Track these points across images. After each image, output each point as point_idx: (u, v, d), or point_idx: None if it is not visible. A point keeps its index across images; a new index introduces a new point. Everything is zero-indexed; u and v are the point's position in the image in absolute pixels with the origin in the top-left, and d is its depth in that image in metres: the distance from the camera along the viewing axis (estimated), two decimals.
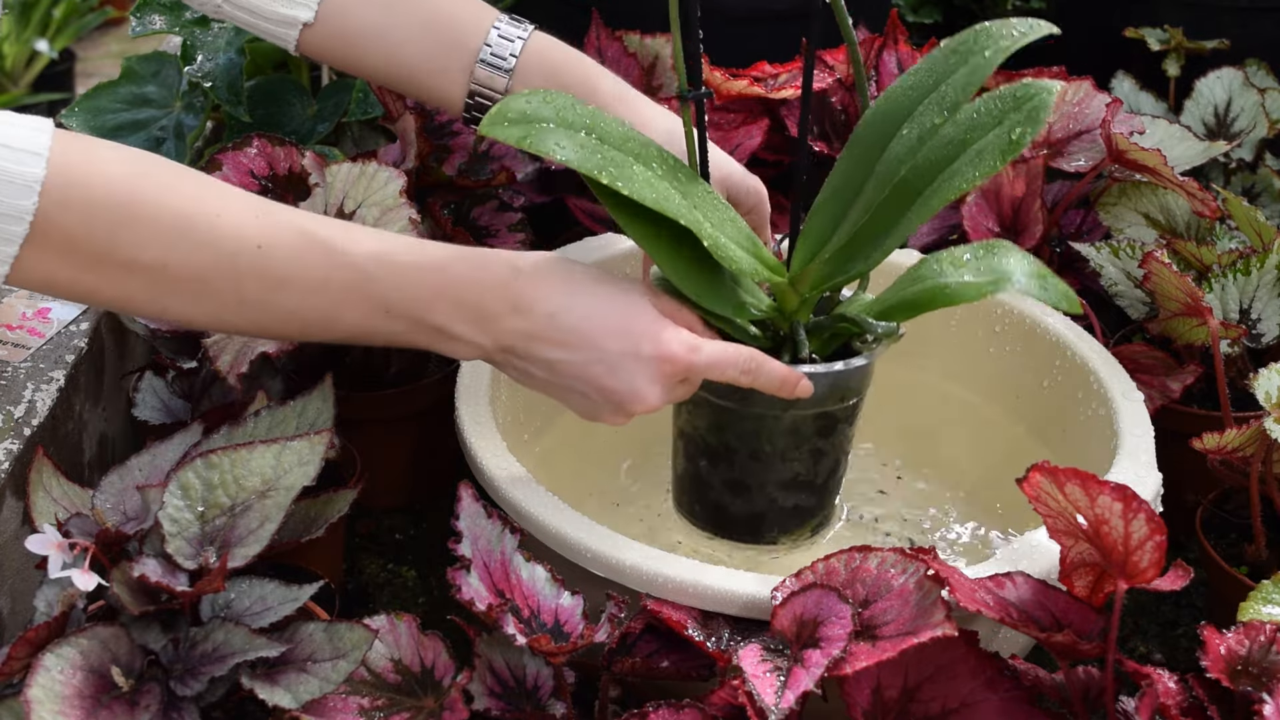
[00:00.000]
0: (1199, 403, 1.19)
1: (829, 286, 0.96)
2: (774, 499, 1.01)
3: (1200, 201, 1.21)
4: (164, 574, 0.83)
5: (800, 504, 1.02)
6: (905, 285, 0.93)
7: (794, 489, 1.01)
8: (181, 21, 1.37)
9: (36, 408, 1.04)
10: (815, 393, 0.94)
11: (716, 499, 1.02)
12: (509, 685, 0.87)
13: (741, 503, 1.01)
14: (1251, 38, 1.54)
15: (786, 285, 0.96)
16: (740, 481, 1.00)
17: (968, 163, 0.88)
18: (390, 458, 1.21)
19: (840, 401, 0.98)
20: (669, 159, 0.93)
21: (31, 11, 3.35)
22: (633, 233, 0.90)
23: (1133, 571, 0.81)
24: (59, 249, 0.76)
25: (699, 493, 1.03)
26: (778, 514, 1.02)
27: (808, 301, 0.97)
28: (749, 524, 1.02)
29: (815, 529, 1.04)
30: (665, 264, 0.91)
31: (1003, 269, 0.88)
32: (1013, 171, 1.26)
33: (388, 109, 1.20)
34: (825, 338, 0.98)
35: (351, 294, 0.84)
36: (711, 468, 1.01)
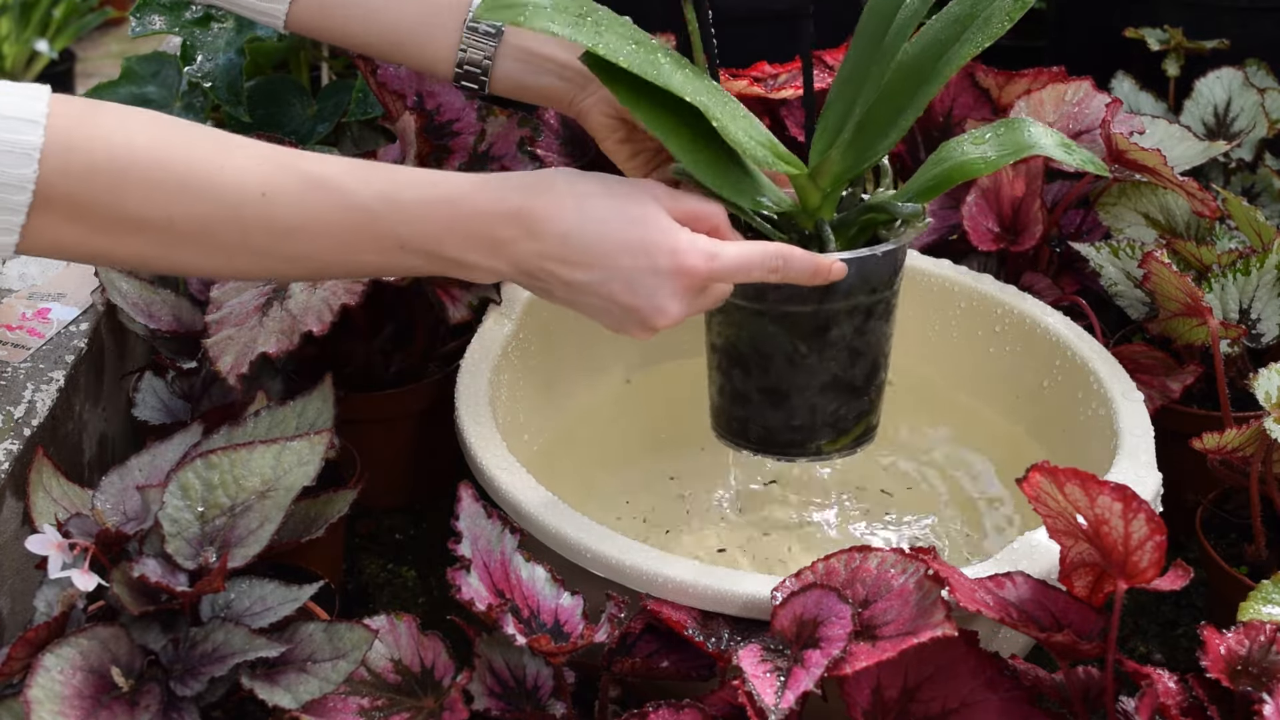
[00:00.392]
0: (1199, 403, 1.19)
1: (850, 176, 0.96)
2: (814, 405, 0.99)
3: (1200, 201, 1.21)
4: (164, 574, 0.83)
5: (841, 410, 1.00)
6: (929, 169, 0.95)
7: (834, 394, 0.99)
8: (181, 22, 1.37)
9: (36, 408, 1.04)
10: (845, 284, 0.93)
11: (757, 413, 1.00)
12: (509, 685, 0.87)
13: (782, 414, 0.99)
14: (1251, 38, 1.54)
15: (806, 179, 0.96)
16: (778, 389, 0.99)
17: (976, 29, 0.89)
18: (390, 458, 1.21)
19: (872, 293, 0.96)
20: (674, 54, 0.93)
21: (31, 11, 3.35)
22: (644, 118, 0.90)
23: (1133, 571, 0.81)
24: (65, 214, 0.76)
25: (738, 408, 1.01)
26: (820, 422, 1.00)
27: (830, 197, 0.97)
28: (791, 435, 1.00)
29: (858, 439, 1.02)
30: (679, 148, 0.91)
31: (1024, 139, 0.90)
32: (1013, 171, 1.26)
33: (388, 109, 1.20)
34: (851, 234, 0.98)
35: (362, 235, 0.83)
36: (747, 378, 0.99)
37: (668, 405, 1.23)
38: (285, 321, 1.00)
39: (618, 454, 1.19)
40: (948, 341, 1.21)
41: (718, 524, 1.14)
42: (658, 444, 1.21)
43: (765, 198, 0.96)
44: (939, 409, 1.22)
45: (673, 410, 1.22)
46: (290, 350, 0.99)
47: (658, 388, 1.24)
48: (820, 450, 1.01)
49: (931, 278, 1.21)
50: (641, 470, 1.18)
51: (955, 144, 0.95)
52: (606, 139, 1.07)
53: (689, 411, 1.21)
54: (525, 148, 1.26)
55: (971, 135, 0.95)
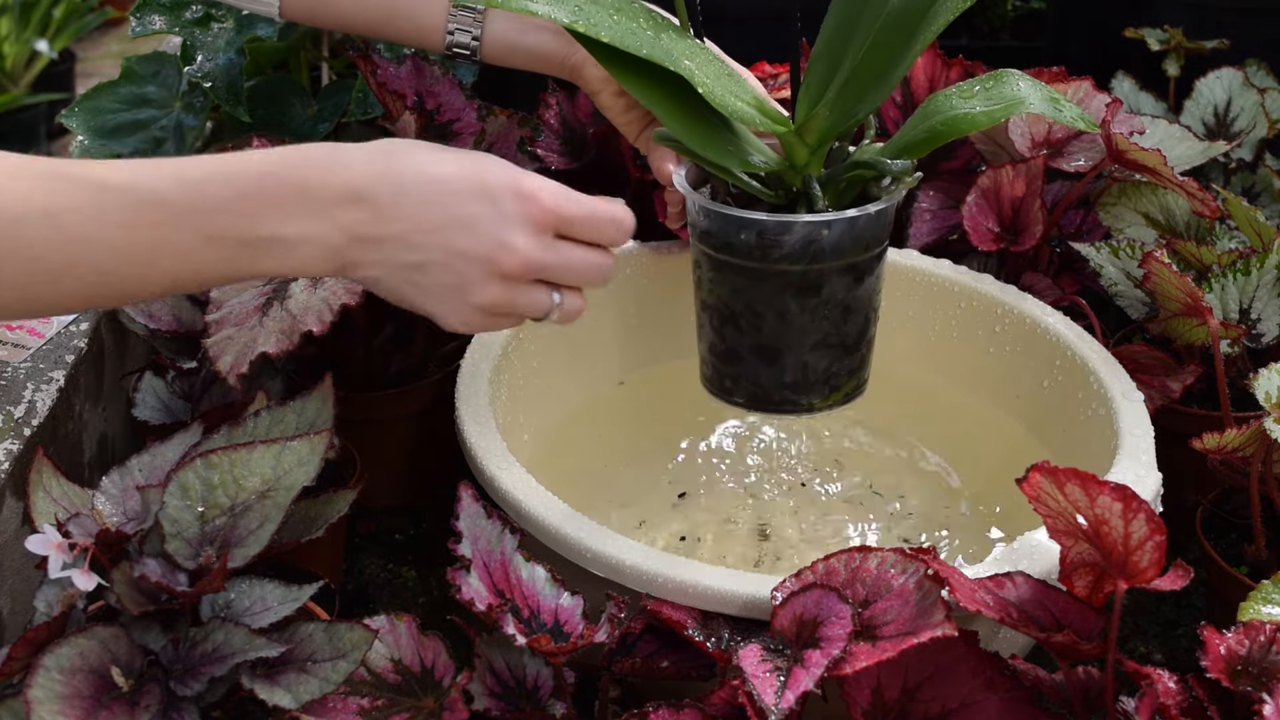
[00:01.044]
0: (1199, 403, 1.19)
1: (836, 133, 0.95)
2: (806, 363, 0.99)
3: (1200, 201, 1.21)
4: (164, 574, 0.83)
5: (834, 367, 1.00)
6: (917, 124, 0.94)
7: (826, 351, 0.99)
8: (181, 22, 1.37)
9: (36, 408, 1.04)
10: (839, 243, 0.93)
11: (749, 370, 1.00)
12: (509, 685, 0.87)
13: (774, 371, 0.99)
14: (1251, 38, 1.54)
15: (793, 136, 0.96)
16: (770, 347, 0.98)
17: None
18: (390, 458, 1.21)
19: (865, 251, 0.96)
20: (656, 18, 0.93)
21: (31, 11, 3.35)
22: (629, 86, 0.90)
23: (1133, 571, 0.81)
24: None
25: (730, 366, 1.01)
26: (812, 379, 1.00)
27: (817, 154, 0.97)
28: (784, 393, 1.00)
29: (849, 394, 1.02)
30: (666, 115, 0.91)
31: (1014, 94, 0.89)
32: (1013, 171, 1.26)
33: (388, 109, 1.20)
34: (840, 189, 0.97)
35: (162, 230, 0.74)
36: (739, 336, 0.99)
37: (667, 405, 1.23)
38: (285, 321, 1.00)
39: (618, 454, 1.20)
40: (948, 341, 1.21)
41: (718, 524, 1.14)
42: (657, 444, 1.21)
43: (754, 157, 0.96)
44: (939, 409, 1.22)
45: (672, 410, 1.22)
46: (290, 350, 0.99)
47: (657, 388, 1.24)
48: (812, 407, 1.01)
49: (931, 278, 1.21)
50: (641, 470, 1.18)
51: (943, 98, 0.94)
52: (601, 91, 1.07)
53: (688, 411, 1.21)
54: (525, 148, 1.26)
55: (959, 89, 0.94)
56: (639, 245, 1.22)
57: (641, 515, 1.13)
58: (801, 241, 0.94)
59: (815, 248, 0.94)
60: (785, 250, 0.93)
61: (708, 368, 1.04)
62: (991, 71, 0.94)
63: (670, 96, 0.91)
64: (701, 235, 0.99)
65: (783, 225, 0.94)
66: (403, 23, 1.08)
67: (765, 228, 0.95)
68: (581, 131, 1.31)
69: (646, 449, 1.20)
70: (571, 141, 1.30)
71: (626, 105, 1.08)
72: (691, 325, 1.06)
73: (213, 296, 1.04)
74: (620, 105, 1.08)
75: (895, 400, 1.19)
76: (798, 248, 0.94)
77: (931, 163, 1.35)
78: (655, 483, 1.17)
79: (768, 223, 0.95)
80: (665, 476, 1.18)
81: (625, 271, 1.22)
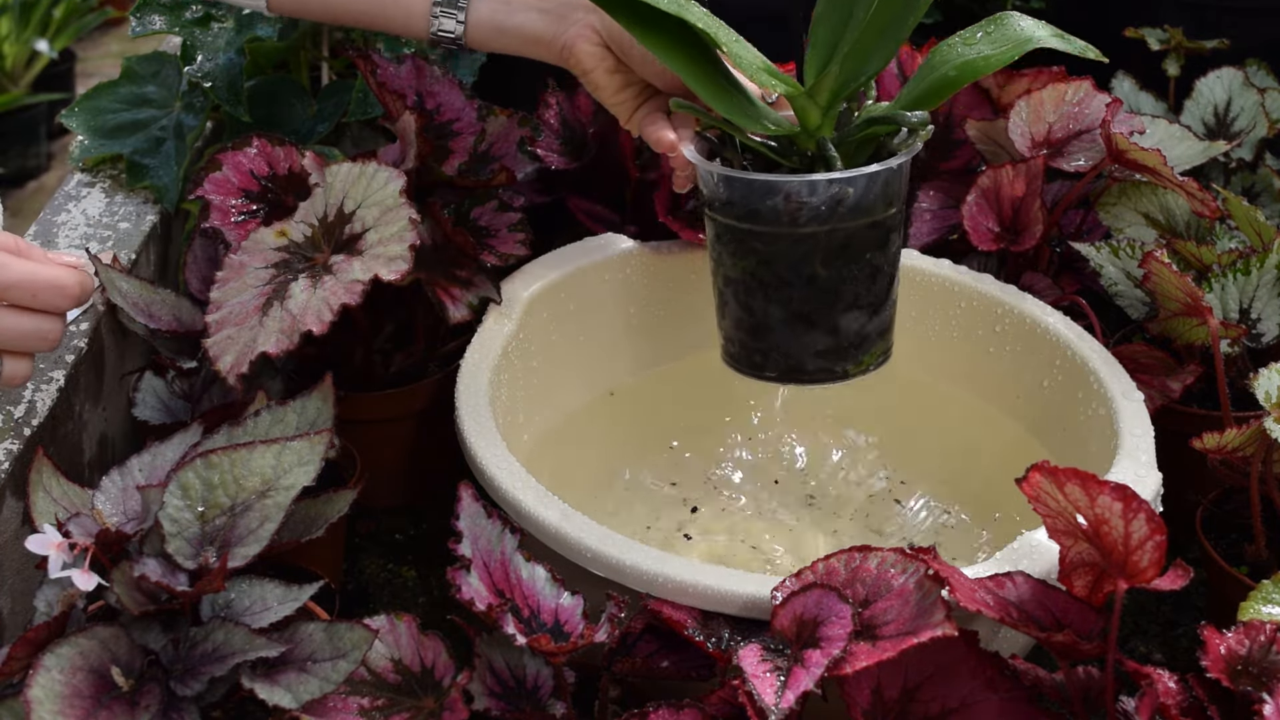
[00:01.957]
0: (1199, 403, 1.19)
1: (846, 93, 0.96)
2: (837, 328, 0.99)
3: (1200, 201, 1.21)
4: (164, 574, 0.83)
5: (864, 330, 1.00)
6: (925, 75, 0.95)
7: (856, 313, 0.99)
8: (181, 22, 1.37)
9: (36, 408, 1.04)
10: (863, 201, 0.94)
11: (778, 341, 1.00)
12: (509, 685, 0.87)
13: (805, 340, 0.99)
14: (1251, 38, 1.53)
15: (804, 98, 0.96)
16: (801, 314, 0.99)
17: None
18: (390, 458, 1.21)
19: (888, 208, 0.97)
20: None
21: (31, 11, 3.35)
22: (651, 46, 0.92)
23: (1133, 571, 0.81)
24: None
25: (759, 340, 1.01)
26: (845, 344, 1.00)
27: (829, 115, 0.97)
28: (818, 362, 1.00)
29: (879, 359, 1.02)
30: (687, 75, 0.92)
31: (1019, 34, 0.91)
32: (1013, 171, 1.26)
33: (388, 109, 1.20)
34: (853, 150, 0.98)
35: None
36: (768, 306, 0.99)
37: (667, 405, 1.23)
38: (285, 321, 1.00)
39: (618, 453, 1.20)
40: (947, 341, 1.21)
41: (719, 523, 1.14)
42: (658, 444, 1.21)
43: (769, 121, 0.96)
44: (938, 408, 1.22)
45: (672, 411, 1.22)
46: (290, 350, 0.99)
47: (657, 389, 1.24)
48: (847, 373, 1.01)
49: (931, 278, 1.21)
50: (642, 470, 1.18)
51: (947, 47, 0.94)
52: (595, 69, 1.07)
53: (688, 411, 1.21)
54: (525, 147, 1.26)
55: (961, 36, 0.94)
56: (639, 245, 1.22)
57: (642, 515, 1.13)
58: (828, 202, 0.95)
59: (841, 207, 0.94)
60: (811, 212, 0.94)
61: (734, 345, 1.03)
62: (991, 16, 0.95)
63: (691, 59, 0.92)
64: (722, 207, 0.99)
65: (809, 186, 0.95)
66: (393, 11, 1.08)
67: (791, 190, 0.95)
68: (581, 131, 1.30)
69: (647, 448, 1.20)
70: (571, 141, 1.30)
71: (620, 84, 1.08)
72: (691, 327, 1.06)
73: (213, 296, 1.04)
74: (614, 84, 1.08)
75: (895, 400, 1.19)
76: (824, 209, 0.94)
77: (931, 163, 1.35)
78: (656, 482, 1.17)
79: (794, 184, 0.95)
80: (666, 476, 1.18)
81: (625, 272, 1.22)
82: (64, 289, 0.84)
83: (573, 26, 1.06)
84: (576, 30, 1.06)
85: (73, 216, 1.30)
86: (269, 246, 1.05)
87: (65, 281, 0.84)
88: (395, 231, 1.02)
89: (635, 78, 1.08)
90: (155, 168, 1.35)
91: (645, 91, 1.09)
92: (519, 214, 1.23)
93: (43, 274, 0.83)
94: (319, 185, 1.07)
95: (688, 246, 1.22)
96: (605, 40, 1.06)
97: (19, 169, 3.36)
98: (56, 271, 0.83)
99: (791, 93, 0.96)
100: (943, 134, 1.36)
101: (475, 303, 1.14)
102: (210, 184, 1.14)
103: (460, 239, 1.15)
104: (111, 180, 1.37)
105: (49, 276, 0.83)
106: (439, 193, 1.21)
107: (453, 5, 1.08)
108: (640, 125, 1.08)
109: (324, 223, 1.05)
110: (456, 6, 1.09)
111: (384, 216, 1.04)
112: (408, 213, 1.03)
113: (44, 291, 0.83)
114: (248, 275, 1.04)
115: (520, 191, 1.29)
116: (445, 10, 1.08)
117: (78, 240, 1.26)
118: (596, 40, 1.06)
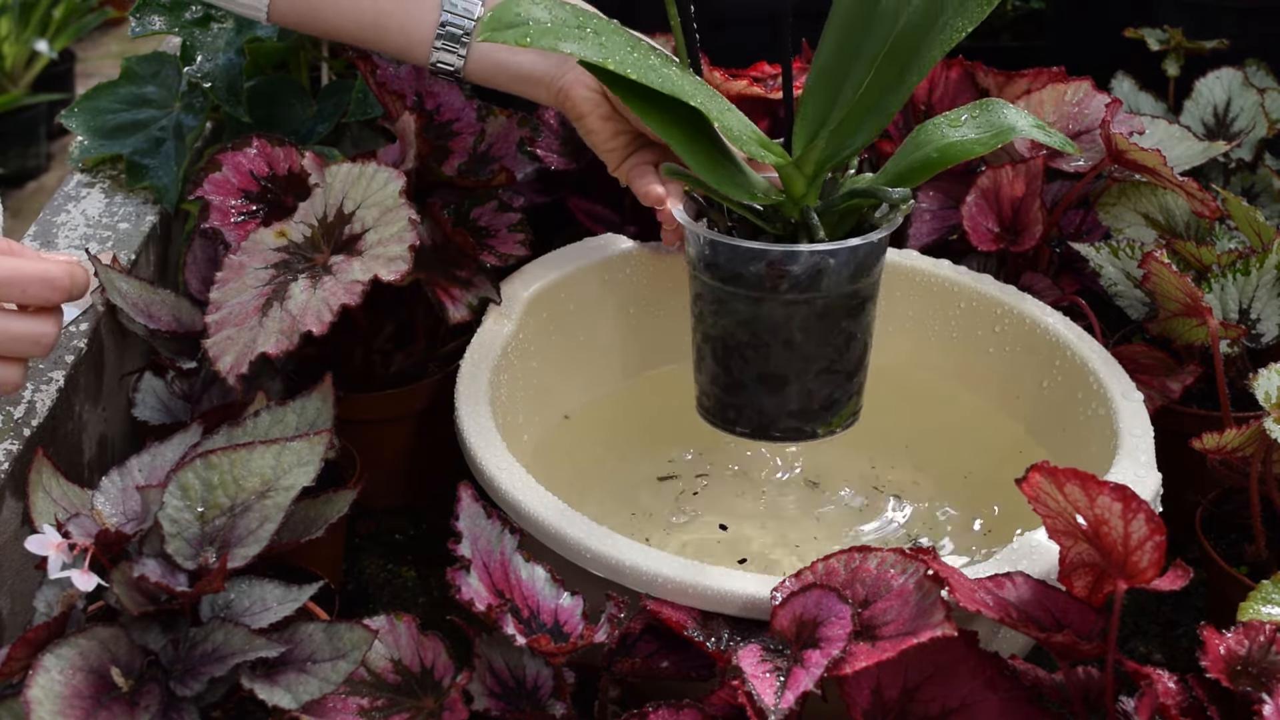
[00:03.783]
0: (1199, 403, 1.19)
1: (833, 164, 0.98)
2: (810, 391, 1.01)
3: (1200, 201, 1.21)
4: (164, 574, 0.83)
5: (835, 394, 1.02)
6: (908, 153, 0.97)
7: (828, 378, 1.01)
8: (181, 22, 1.37)
9: (36, 408, 1.04)
10: (843, 271, 0.96)
11: (751, 399, 1.02)
12: (509, 685, 0.87)
13: (778, 399, 1.01)
14: (1251, 38, 1.54)
15: (791, 168, 0.98)
16: (776, 375, 1.00)
17: (953, 13, 0.92)
18: (390, 458, 1.21)
19: (866, 277, 0.99)
20: (663, 55, 0.96)
21: (31, 11, 3.35)
22: (650, 122, 0.93)
23: (1132, 571, 0.81)
24: None
25: (733, 396, 1.03)
26: (815, 406, 1.02)
27: (814, 185, 0.99)
28: (787, 421, 1.02)
29: (846, 421, 1.05)
30: (683, 149, 0.95)
31: (1003, 122, 0.93)
32: (1012, 171, 1.26)
33: (387, 109, 1.20)
34: (836, 220, 1.00)
35: None
36: (744, 365, 1.01)
37: (667, 407, 1.23)
38: (285, 322, 1.00)
39: (617, 454, 1.19)
40: (947, 341, 1.21)
41: (717, 524, 1.14)
42: (657, 444, 1.21)
43: (757, 190, 0.98)
44: (938, 409, 1.22)
45: (671, 412, 1.22)
46: (290, 350, 0.99)
47: (657, 390, 1.24)
48: (815, 433, 1.04)
49: (931, 278, 1.21)
50: (641, 471, 1.18)
51: (933, 126, 0.97)
52: (590, 114, 1.08)
53: (687, 413, 1.21)
54: (525, 148, 1.26)
55: (947, 118, 0.97)
56: (639, 245, 1.22)
57: (641, 515, 1.13)
58: (808, 271, 0.97)
59: (821, 277, 0.97)
60: (792, 280, 0.96)
61: (708, 399, 1.06)
62: (978, 101, 0.97)
63: (684, 131, 0.95)
64: (706, 268, 1.01)
65: (791, 255, 0.97)
66: (394, 36, 1.09)
67: (774, 258, 0.97)
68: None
69: (647, 449, 1.20)
70: (571, 141, 1.30)
71: (613, 131, 1.09)
72: (690, 327, 1.06)
73: (212, 297, 1.04)
74: (607, 131, 1.09)
75: (894, 400, 1.19)
76: (804, 277, 0.96)
77: None
78: (657, 483, 1.17)
79: (776, 253, 0.97)
80: (668, 476, 1.18)
81: (625, 272, 1.22)
82: (52, 282, 0.82)
83: (571, 70, 1.07)
84: (575, 74, 1.07)
85: (72, 217, 1.30)
86: (269, 247, 1.05)
87: (54, 274, 0.82)
88: (395, 232, 1.02)
89: (628, 126, 1.09)
90: (155, 168, 1.35)
91: (636, 141, 1.09)
92: (519, 214, 1.23)
93: (29, 268, 0.81)
94: (319, 185, 1.07)
95: None
96: (601, 89, 1.06)
97: (19, 169, 3.37)
98: (44, 265, 0.81)
99: (779, 163, 0.98)
100: None
101: (475, 303, 1.14)
102: (210, 184, 1.14)
103: (460, 239, 1.15)
104: (111, 181, 1.37)
105: (37, 270, 0.81)
106: (439, 193, 1.21)
107: (455, 40, 1.09)
108: (629, 175, 1.09)
109: (324, 223, 1.05)
110: (459, 41, 1.09)
111: (384, 217, 1.04)
112: (407, 213, 1.03)
113: (33, 286, 0.81)
114: (247, 276, 1.04)
115: (520, 192, 1.29)
116: (448, 44, 1.08)
117: (77, 241, 1.26)
118: (594, 87, 1.07)
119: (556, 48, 0.89)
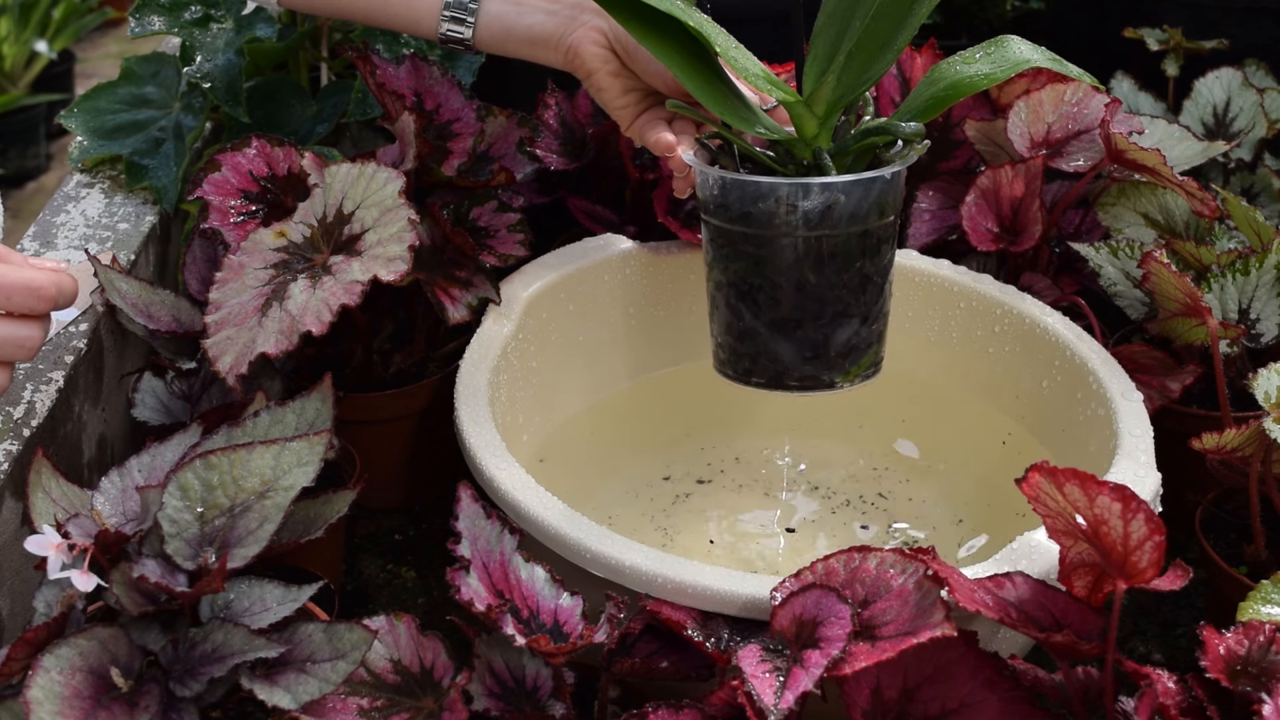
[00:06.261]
0: (1198, 403, 1.19)
1: (844, 104, 0.98)
2: (826, 337, 1.00)
3: (1199, 201, 1.21)
4: (163, 575, 0.83)
5: (853, 340, 1.01)
6: (925, 89, 0.99)
7: (844, 322, 1.00)
8: (180, 22, 1.37)
9: (35, 409, 1.04)
10: (856, 208, 0.95)
11: (767, 347, 1.01)
12: (508, 686, 0.87)
13: (794, 346, 1.00)
14: (1251, 38, 1.54)
15: (802, 107, 0.98)
16: (790, 320, 0.99)
17: None
18: (390, 458, 1.21)
19: (880, 218, 0.98)
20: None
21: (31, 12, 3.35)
22: (648, 44, 0.94)
23: (1132, 571, 0.81)
24: None
25: (748, 345, 1.02)
26: (833, 354, 1.01)
27: (826, 125, 0.99)
28: (804, 369, 1.01)
29: (867, 370, 1.03)
30: (685, 77, 0.95)
31: (1016, 56, 0.96)
32: (1012, 172, 1.26)
33: (387, 109, 1.20)
34: (850, 161, 0.99)
35: None
36: (758, 311, 1.00)
37: (666, 407, 1.23)
38: (285, 322, 1.00)
39: (617, 455, 1.20)
40: (947, 341, 1.21)
41: (716, 525, 1.14)
42: (656, 445, 1.21)
43: (765, 125, 0.98)
44: (938, 409, 1.22)
45: (671, 412, 1.22)
46: (290, 350, 0.99)
47: (657, 390, 1.24)
48: (834, 383, 1.02)
49: (931, 278, 1.21)
50: (640, 471, 1.18)
51: (947, 65, 0.98)
52: (599, 71, 1.08)
53: (687, 413, 1.21)
54: (524, 148, 1.26)
55: (961, 56, 0.98)
56: (639, 245, 1.22)
57: (641, 515, 1.13)
58: (820, 207, 0.96)
59: (833, 214, 0.96)
60: (803, 216, 0.95)
61: (723, 351, 1.04)
62: (992, 39, 0.98)
63: (688, 60, 0.94)
64: (716, 209, 0.99)
65: (801, 189, 0.96)
66: (399, 9, 1.09)
67: (783, 193, 0.96)
68: (580, 132, 1.31)
69: (646, 448, 1.20)
70: (571, 142, 1.30)
71: (623, 88, 1.08)
72: (690, 328, 1.06)
73: (212, 297, 1.04)
74: (617, 87, 1.08)
75: (894, 400, 1.19)
76: (816, 213, 0.95)
77: (931, 163, 1.35)
78: (657, 483, 1.17)
79: (786, 187, 0.96)
80: (665, 476, 1.18)
81: (625, 272, 1.22)
82: (38, 290, 0.81)
83: (579, 29, 1.07)
84: (583, 32, 1.07)
85: (72, 217, 1.30)
86: (268, 247, 1.05)
87: (40, 283, 0.81)
88: (394, 232, 1.02)
89: (639, 83, 1.08)
90: (154, 168, 1.35)
91: (648, 99, 1.09)
92: (518, 214, 1.23)
93: (15, 276, 0.81)
94: (318, 186, 1.07)
95: (687, 247, 1.22)
96: (611, 43, 1.06)
97: (18, 170, 3.37)
98: (30, 274, 0.81)
99: (789, 100, 0.97)
100: (942, 134, 1.36)
101: (474, 303, 1.14)
102: (209, 185, 1.14)
103: (459, 239, 1.15)
104: (111, 181, 1.37)
105: (22, 278, 0.81)
106: (438, 193, 1.21)
107: (462, 8, 1.09)
108: (640, 130, 1.09)
109: (323, 223, 1.05)
110: (466, 9, 1.09)
111: (383, 217, 1.04)
112: (407, 213, 1.03)
113: (18, 294, 0.81)
114: (247, 276, 1.04)
115: (519, 192, 1.29)
116: (455, 12, 1.09)
117: (77, 241, 1.26)
118: (602, 43, 1.06)
119: None
